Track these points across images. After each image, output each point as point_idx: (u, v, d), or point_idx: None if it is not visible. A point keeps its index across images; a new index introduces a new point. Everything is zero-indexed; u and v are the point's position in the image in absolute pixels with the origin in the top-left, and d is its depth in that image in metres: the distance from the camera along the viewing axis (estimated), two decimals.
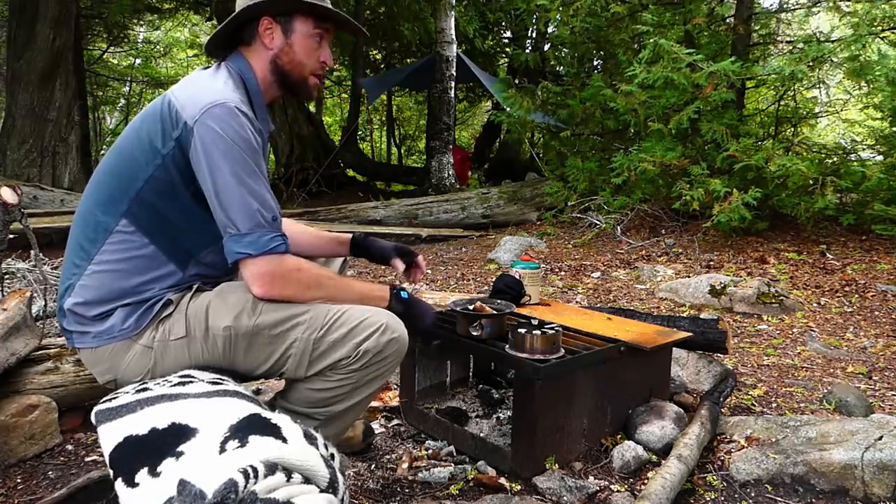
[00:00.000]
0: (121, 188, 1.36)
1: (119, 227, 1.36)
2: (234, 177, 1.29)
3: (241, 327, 1.37)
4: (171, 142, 1.33)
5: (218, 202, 1.31)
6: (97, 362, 1.40)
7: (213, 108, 1.30)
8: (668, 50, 5.03)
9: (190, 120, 1.30)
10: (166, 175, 1.34)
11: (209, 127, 1.29)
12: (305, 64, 1.49)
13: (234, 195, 1.30)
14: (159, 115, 1.35)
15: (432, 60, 9.64)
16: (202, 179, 1.31)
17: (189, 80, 1.44)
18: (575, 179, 6.69)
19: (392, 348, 1.41)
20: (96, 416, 1.19)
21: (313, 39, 1.49)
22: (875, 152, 6.65)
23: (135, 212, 1.36)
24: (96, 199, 1.40)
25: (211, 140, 1.29)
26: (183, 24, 14.97)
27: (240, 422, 1.04)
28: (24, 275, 2.98)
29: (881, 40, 5.88)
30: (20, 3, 7.02)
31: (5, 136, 7.07)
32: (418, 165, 14.80)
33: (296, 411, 1.45)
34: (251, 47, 1.48)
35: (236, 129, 1.30)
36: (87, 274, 1.37)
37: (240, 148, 1.30)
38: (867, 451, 1.67)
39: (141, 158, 1.35)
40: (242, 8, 1.44)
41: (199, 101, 1.32)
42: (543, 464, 1.77)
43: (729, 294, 3.82)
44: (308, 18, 1.47)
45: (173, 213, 1.37)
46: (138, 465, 1.00)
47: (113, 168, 1.41)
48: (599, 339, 1.94)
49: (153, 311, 1.38)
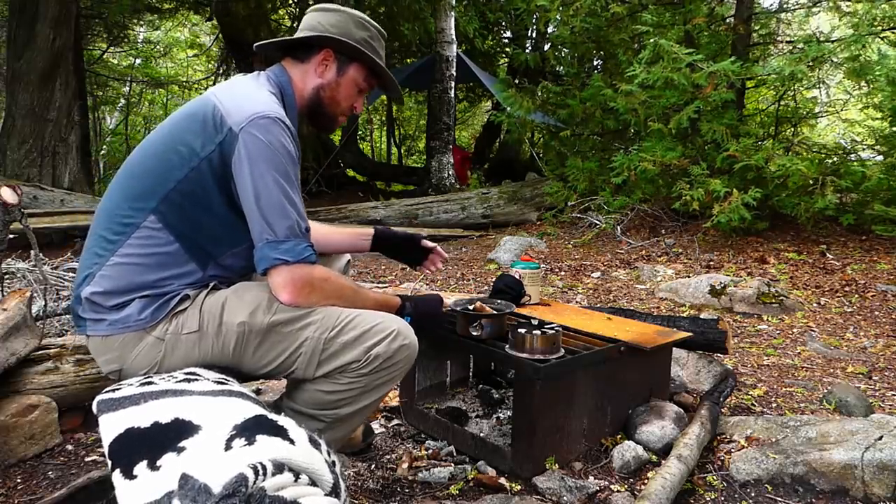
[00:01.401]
0: (152, 186, 1.38)
1: (147, 223, 1.38)
2: (277, 185, 1.34)
3: (255, 324, 1.38)
4: (211, 145, 1.35)
5: (258, 208, 1.34)
6: (106, 351, 1.40)
7: (260, 118, 1.34)
8: (668, 50, 5.03)
9: (236, 126, 1.33)
10: (199, 177, 1.37)
11: (255, 136, 1.33)
12: (342, 104, 1.59)
13: (276, 203, 1.34)
14: (201, 117, 1.38)
15: (432, 60, 9.65)
16: (242, 185, 1.34)
17: (233, 87, 1.47)
18: (575, 179, 6.69)
19: (402, 354, 1.43)
20: (98, 406, 1.19)
21: (357, 87, 1.59)
22: (875, 152, 6.65)
23: (163, 210, 1.38)
24: (126, 195, 1.41)
25: (256, 148, 1.33)
26: (183, 24, 14.95)
27: (246, 421, 1.04)
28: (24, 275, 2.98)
29: (881, 40, 5.88)
30: (20, 3, 7.02)
31: (5, 136, 7.07)
32: (418, 165, 14.80)
33: (302, 412, 1.45)
34: (301, 66, 1.55)
35: (281, 139, 1.35)
36: (109, 265, 1.38)
37: (282, 158, 1.35)
38: (867, 451, 1.67)
39: (175, 159, 1.37)
40: (313, 35, 1.52)
41: (246, 109, 1.35)
42: (543, 464, 1.77)
43: (729, 294, 3.82)
44: (363, 69, 1.58)
45: (201, 215, 1.40)
46: (138, 458, 0.99)
47: (145, 165, 1.42)
48: (599, 339, 1.94)
49: (170, 304, 1.39)
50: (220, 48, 13.45)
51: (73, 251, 4.59)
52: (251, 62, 10.29)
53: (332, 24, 1.53)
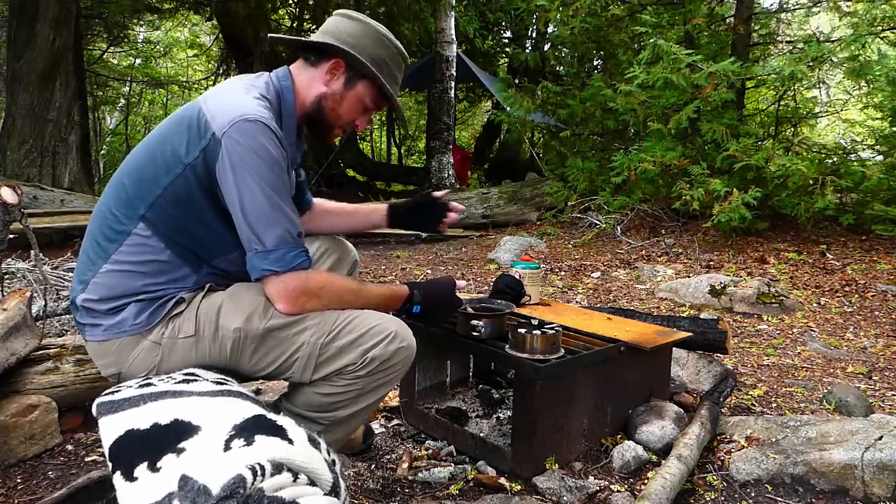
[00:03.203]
0: (140, 193, 1.36)
1: (137, 230, 1.36)
2: (262, 193, 1.29)
3: (251, 329, 1.37)
4: (195, 151, 1.32)
5: (244, 217, 1.30)
6: (104, 355, 1.40)
7: (243, 121, 1.29)
8: (668, 51, 5.03)
9: (218, 131, 1.29)
10: (185, 184, 1.34)
11: (237, 141, 1.28)
12: (343, 118, 1.53)
13: (261, 212, 1.29)
14: (187, 122, 1.35)
15: (432, 60, 9.65)
16: (227, 192, 1.31)
17: (222, 90, 1.43)
18: (575, 179, 6.69)
19: (400, 356, 1.42)
20: (98, 408, 1.19)
21: (363, 105, 1.53)
22: (875, 152, 6.65)
23: (151, 217, 1.36)
24: (116, 200, 1.40)
25: (239, 154, 1.28)
26: (183, 24, 14.94)
27: (245, 421, 1.04)
28: (24, 275, 2.98)
29: (881, 40, 5.88)
30: (20, 3, 7.01)
31: (5, 136, 7.06)
32: (418, 165, 14.80)
33: (300, 415, 1.45)
34: (309, 70, 1.49)
35: (264, 144, 1.30)
36: (102, 272, 1.37)
37: (267, 163, 1.30)
38: (867, 451, 1.67)
39: (162, 164, 1.35)
40: (326, 42, 1.46)
41: (228, 112, 1.31)
42: (543, 464, 1.77)
43: (729, 294, 3.82)
44: (373, 88, 1.51)
45: (189, 222, 1.37)
46: (138, 460, 1.00)
47: (135, 170, 1.40)
48: (599, 339, 1.94)
49: (165, 307, 1.38)
50: (220, 48, 13.45)
51: (73, 251, 4.58)
52: (251, 62, 10.30)
53: (349, 33, 1.47)
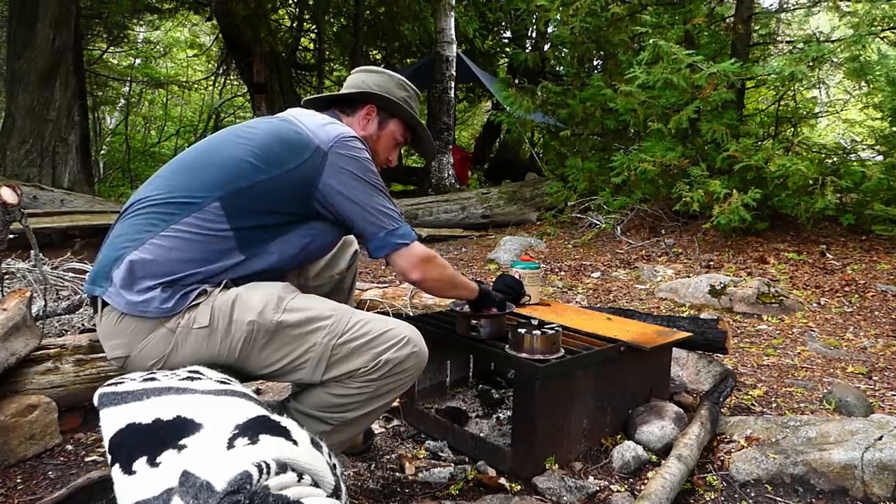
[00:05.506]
0: (224, 179, 1.43)
1: (210, 207, 1.41)
2: (375, 188, 1.53)
3: (264, 322, 1.38)
4: (296, 160, 1.46)
5: (363, 210, 1.51)
6: (116, 334, 1.39)
7: (346, 138, 1.52)
8: (668, 51, 5.03)
9: (324, 146, 1.48)
10: (275, 188, 1.45)
11: (344, 153, 1.50)
12: (381, 155, 1.78)
13: (378, 202, 1.53)
14: (284, 135, 1.50)
15: (432, 60, 9.64)
16: (340, 194, 1.49)
17: (310, 116, 1.60)
18: (575, 179, 6.69)
19: (412, 361, 1.44)
20: (100, 399, 1.18)
21: (394, 141, 1.79)
22: (875, 152, 6.65)
23: (227, 200, 1.42)
24: (188, 184, 1.44)
25: (351, 163, 1.50)
26: (183, 24, 14.94)
27: (248, 421, 1.04)
28: (24, 275, 2.97)
29: (881, 40, 5.88)
30: (20, 3, 7.02)
31: (5, 136, 7.06)
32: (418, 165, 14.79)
33: (309, 415, 1.46)
34: (346, 119, 1.73)
35: (366, 153, 1.55)
36: (164, 234, 1.38)
37: (370, 166, 1.54)
38: (867, 451, 1.67)
39: (247, 167, 1.44)
40: (358, 91, 1.72)
41: (331, 131, 1.52)
42: (543, 464, 1.77)
43: (729, 294, 3.82)
44: (401, 124, 1.78)
45: (259, 218, 1.45)
46: (137, 454, 0.99)
47: (217, 162, 1.47)
48: (599, 339, 1.94)
49: (189, 297, 1.38)
50: (220, 48, 13.46)
51: (72, 251, 4.58)
52: (251, 62, 10.32)
53: (375, 83, 1.74)
